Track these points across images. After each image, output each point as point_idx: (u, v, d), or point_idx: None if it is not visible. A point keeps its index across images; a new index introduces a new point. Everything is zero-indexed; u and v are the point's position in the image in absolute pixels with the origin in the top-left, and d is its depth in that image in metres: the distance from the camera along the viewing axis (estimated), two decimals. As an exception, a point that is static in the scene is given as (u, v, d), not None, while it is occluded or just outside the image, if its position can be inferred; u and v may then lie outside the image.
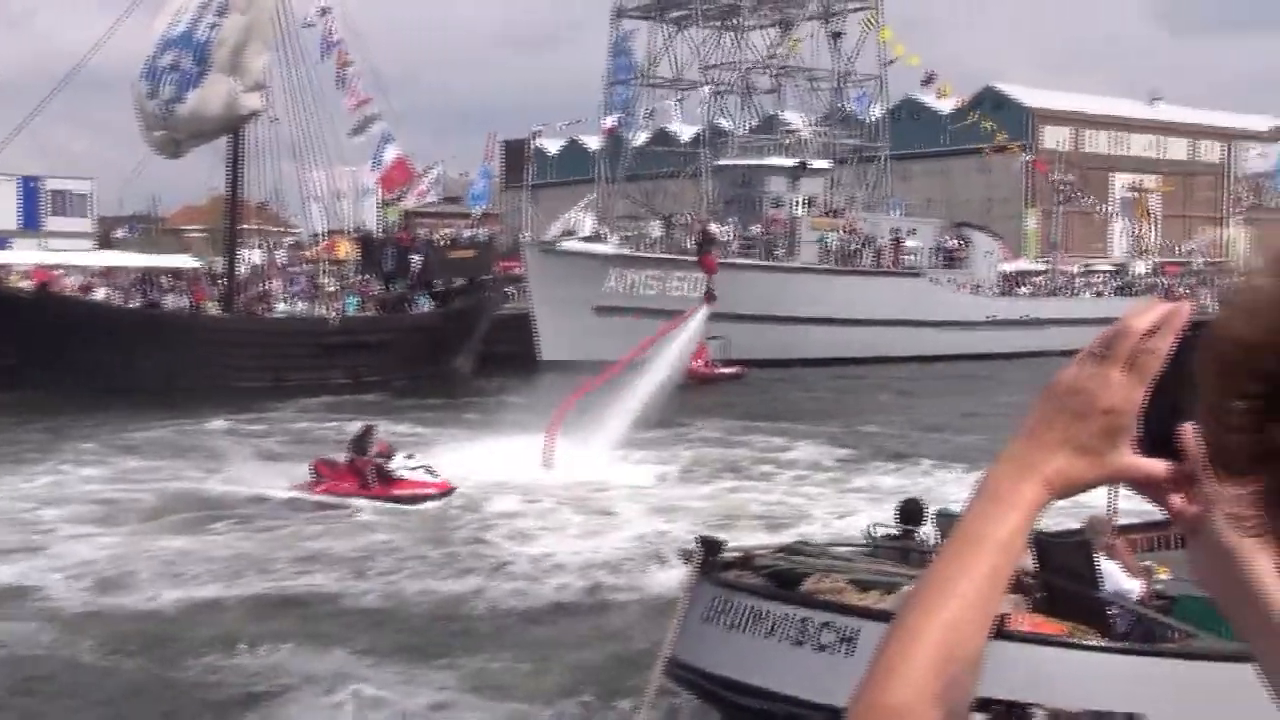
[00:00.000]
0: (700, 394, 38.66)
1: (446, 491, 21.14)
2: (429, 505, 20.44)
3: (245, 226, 47.37)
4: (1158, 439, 1.09)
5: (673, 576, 14.41)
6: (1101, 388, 1.09)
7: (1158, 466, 1.11)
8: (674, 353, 28.82)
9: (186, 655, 12.80)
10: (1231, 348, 0.85)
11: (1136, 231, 74.62)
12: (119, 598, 15.07)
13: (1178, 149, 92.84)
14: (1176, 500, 1.12)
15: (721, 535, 11.18)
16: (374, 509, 20.20)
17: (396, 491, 20.82)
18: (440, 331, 44.57)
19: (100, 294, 43.74)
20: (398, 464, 21.27)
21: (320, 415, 33.34)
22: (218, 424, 31.02)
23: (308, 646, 12.96)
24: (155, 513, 20.08)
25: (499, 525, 19.14)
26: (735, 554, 10.15)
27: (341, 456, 21.89)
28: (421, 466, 21.53)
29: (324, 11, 45.19)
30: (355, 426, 23.39)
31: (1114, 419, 1.09)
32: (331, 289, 45.90)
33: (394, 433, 29.57)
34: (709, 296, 32.55)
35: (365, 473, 21.01)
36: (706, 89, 68.51)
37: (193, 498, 21.34)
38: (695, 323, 30.78)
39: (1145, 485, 1.13)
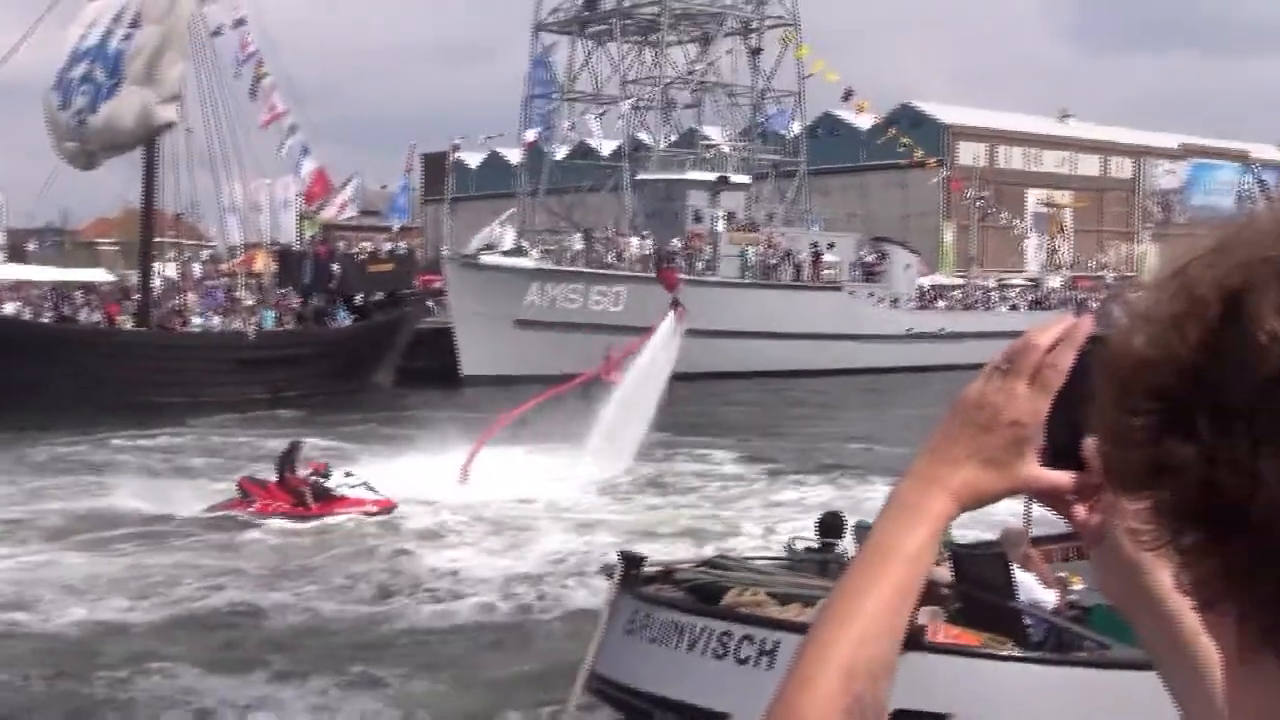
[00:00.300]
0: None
1: (389, 508, 20.47)
2: (345, 522, 20.09)
3: (160, 239, 46.72)
4: (1061, 450, 1.12)
5: (594, 591, 14.41)
6: (1007, 401, 1.12)
7: (1062, 478, 1.14)
8: (646, 362, 28.25)
9: (93, 677, 12.51)
10: (1126, 363, 0.86)
11: (1050, 246, 75.81)
12: (19, 617, 14.71)
13: (1089, 165, 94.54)
14: (1080, 511, 1.14)
15: (642, 549, 11.20)
16: (283, 528, 19.68)
17: (338, 510, 20.09)
18: (360, 346, 44.23)
19: (10, 308, 42.83)
20: (337, 481, 20.59)
21: (234, 431, 32.96)
22: (129, 441, 30.55)
23: (221, 669, 12.69)
24: (60, 532, 19.62)
25: (418, 542, 18.90)
26: (656, 568, 10.16)
27: (269, 475, 21.08)
28: (362, 483, 20.80)
29: (239, 23, 44.72)
30: (278, 444, 22.92)
31: (1019, 431, 1.12)
32: (249, 303, 45.37)
33: (316, 448, 29.35)
34: (675, 305, 32.43)
35: (301, 491, 20.26)
36: (626, 104, 68.71)
37: (100, 516, 20.77)
38: (662, 335, 30.21)
39: (1049, 497, 1.16)
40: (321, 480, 20.47)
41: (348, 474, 21.07)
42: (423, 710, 11.53)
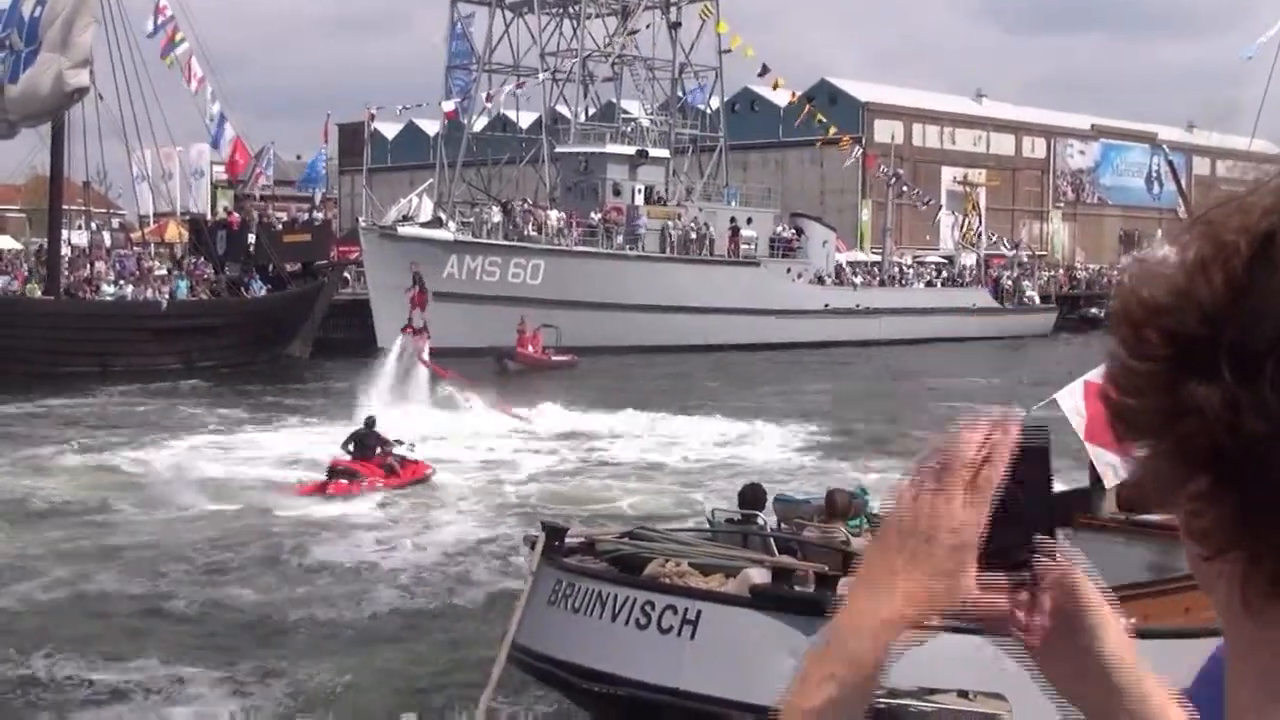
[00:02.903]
0: (533, 380, 38.77)
1: (431, 472, 21.63)
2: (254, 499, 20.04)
3: (69, 207, 45.82)
4: (996, 552, 1.14)
5: (513, 564, 14.44)
6: (946, 511, 1.10)
7: (1000, 597, 1.10)
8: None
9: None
10: (1139, 311, 0.88)
11: (965, 224, 76.68)
12: None
13: (1003, 144, 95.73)
14: (1024, 618, 1.11)
15: (562, 521, 11.24)
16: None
17: (410, 477, 21.11)
18: (275, 316, 43.75)
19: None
20: (404, 450, 21.52)
21: (141, 399, 32.59)
22: (36, 409, 30.12)
23: (119, 655, 12.03)
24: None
25: (327, 520, 18.32)
26: (578, 539, 10.21)
27: (342, 452, 21.05)
28: (412, 447, 21.85)
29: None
30: (189, 412, 22.77)
31: (961, 538, 1.10)
32: (161, 272, 44.67)
33: (220, 415, 29.06)
34: (409, 328, 33.91)
35: (390, 464, 20.97)
36: (545, 76, 68.41)
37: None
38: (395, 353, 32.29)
39: (990, 619, 1.12)
40: (397, 449, 21.28)
41: (398, 441, 21.67)
42: (347, 687, 11.43)
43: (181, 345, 39.63)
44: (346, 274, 50.08)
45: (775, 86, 68.40)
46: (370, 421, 21.84)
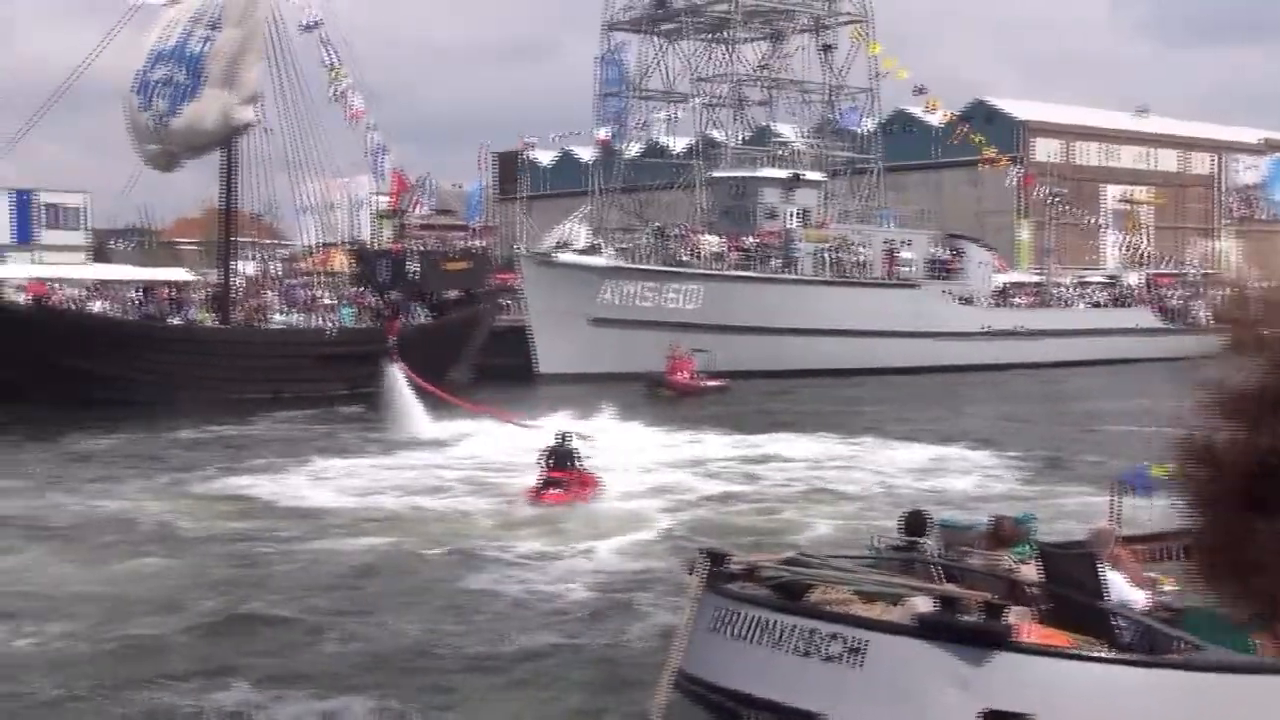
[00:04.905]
0: (684, 407, 38.83)
1: (604, 484, 22.53)
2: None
3: (239, 239, 47.37)
4: None
5: (672, 589, 14.38)
6: None
7: None
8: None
9: (129, 689, 11.81)
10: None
11: (1128, 243, 74.78)
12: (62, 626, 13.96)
13: (1168, 161, 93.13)
14: None
15: (723, 547, 11.16)
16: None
17: (595, 488, 22.02)
18: (438, 343, 44.61)
19: (97, 307, 43.70)
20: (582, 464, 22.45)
21: (305, 424, 33.59)
22: (202, 434, 31.21)
23: (275, 682, 11.87)
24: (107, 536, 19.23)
25: (476, 547, 18.23)
26: (739, 565, 10.16)
27: (542, 463, 21.98)
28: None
29: (311, 26, 45.14)
30: (349, 438, 23.22)
31: None
32: (327, 301, 45.90)
33: (381, 441, 29.71)
34: (392, 354, 35.49)
35: (580, 477, 21.90)
36: (698, 101, 68.67)
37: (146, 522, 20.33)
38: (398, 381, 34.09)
39: None
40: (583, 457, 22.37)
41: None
42: (511, 712, 11.49)
43: (347, 371, 40.63)
44: (504, 301, 50.81)
45: (930, 108, 67.66)
46: (565, 436, 22.55)
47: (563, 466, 21.84)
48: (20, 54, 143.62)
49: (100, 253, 68.77)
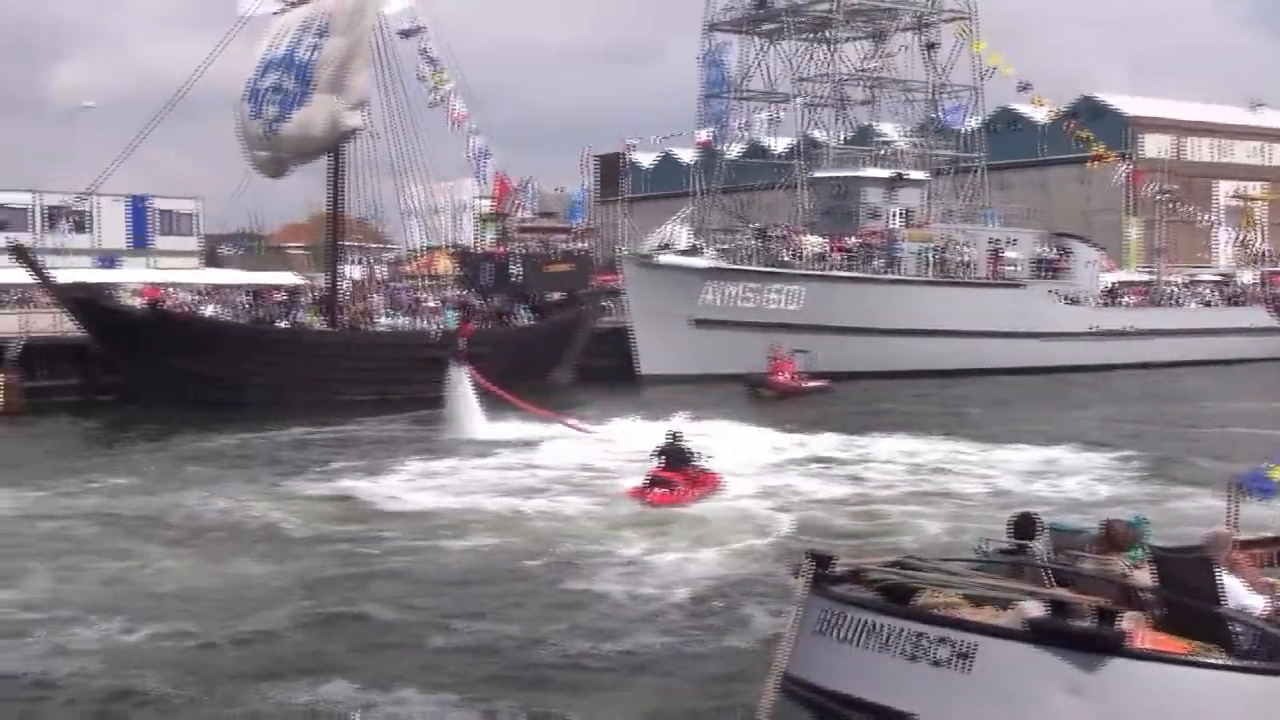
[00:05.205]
0: (786, 408, 38.65)
1: (724, 481, 22.51)
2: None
3: (346, 243, 48.04)
4: None
5: (777, 592, 14.34)
6: None
7: None
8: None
9: (238, 686, 11.96)
10: None
11: (1242, 240, 73.03)
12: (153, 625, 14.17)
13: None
14: None
15: (828, 549, 11.09)
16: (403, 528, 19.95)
17: (711, 486, 22.04)
18: (540, 344, 44.92)
19: (210, 310, 44.65)
20: (702, 462, 22.47)
21: (409, 426, 34.00)
22: (308, 435, 31.71)
23: (379, 685, 11.92)
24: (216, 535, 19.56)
25: (579, 551, 18.13)
26: (845, 568, 10.09)
27: (655, 463, 22.16)
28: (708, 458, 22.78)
29: (411, 32, 45.64)
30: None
31: None
32: (432, 304, 46.41)
33: (480, 444, 29.96)
34: (461, 357, 35.06)
35: (694, 475, 21.92)
36: (799, 101, 68.36)
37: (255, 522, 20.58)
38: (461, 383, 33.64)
39: None
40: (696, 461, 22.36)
41: (696, 452, 22.66)
42: (616, 713, 11.52)
43: (452, 374, 40.95)
44: (606, 302, 50.99)
45: (1036, 103, 66.70)
46: (676, 435, 22.61)
47: (675, 466, 21.84)
48: (136, 66, 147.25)
49: (211, 257, 70.24)
